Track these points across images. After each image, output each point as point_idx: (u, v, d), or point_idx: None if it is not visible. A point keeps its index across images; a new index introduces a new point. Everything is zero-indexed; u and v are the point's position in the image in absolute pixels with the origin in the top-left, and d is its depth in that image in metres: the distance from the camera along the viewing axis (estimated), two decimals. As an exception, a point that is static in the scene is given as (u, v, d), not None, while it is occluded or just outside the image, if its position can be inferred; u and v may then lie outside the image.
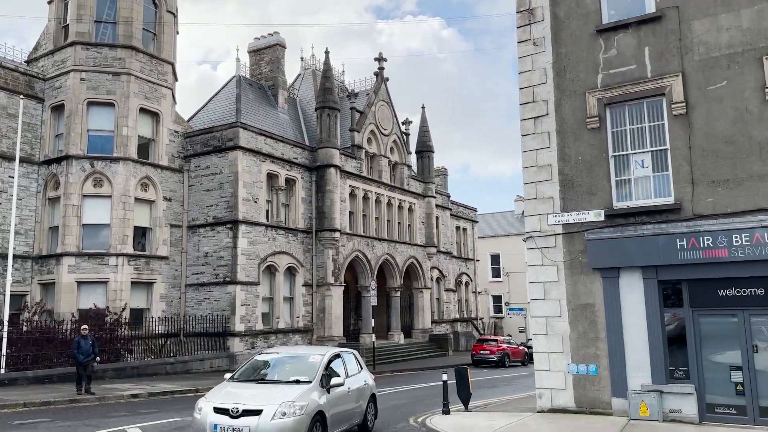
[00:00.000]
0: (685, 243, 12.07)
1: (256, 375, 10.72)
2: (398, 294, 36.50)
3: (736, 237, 11.61)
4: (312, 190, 30.83)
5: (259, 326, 27.20)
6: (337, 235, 30.67)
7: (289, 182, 29.95)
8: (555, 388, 13.32)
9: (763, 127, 11.73)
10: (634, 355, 12.53)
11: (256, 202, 27.65)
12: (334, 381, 10.29)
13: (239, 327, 26.11)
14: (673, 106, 12.61)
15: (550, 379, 13.39)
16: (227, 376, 10.99)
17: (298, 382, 10.02)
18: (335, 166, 31.07)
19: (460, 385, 14.74)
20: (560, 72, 14.07)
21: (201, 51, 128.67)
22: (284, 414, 9.00)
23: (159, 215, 26.92)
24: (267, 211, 28.55)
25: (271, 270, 28.40)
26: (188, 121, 31.60)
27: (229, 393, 9.80)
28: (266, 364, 11.11)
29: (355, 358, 12.35)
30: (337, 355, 11.40)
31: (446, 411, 13.84)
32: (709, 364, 12.05)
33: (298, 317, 29.54)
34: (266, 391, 9.75)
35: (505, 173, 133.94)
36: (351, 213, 33.12)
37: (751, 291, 11.70)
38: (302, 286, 29.96)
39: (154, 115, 27.33)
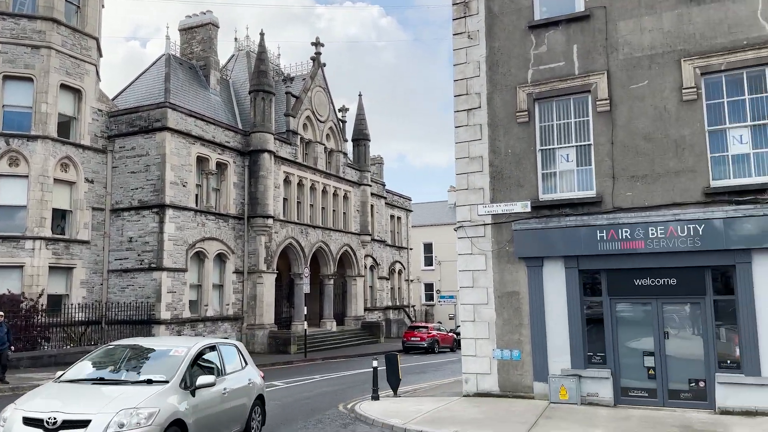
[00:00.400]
0: (604, 234, 12.65)
1: (96, 373, 8.28)
2: (332, 282, 36.45)
3: (652, 230, 12.27)
4: (245, 175, 30.19)
5: (187, 314, 26.50)
6: (270, 221, 30.23)
7: (221, 166, 29.20)
8: (481, 373, 13.71)
9: (680, 126, 12.42)
10: (555, 341, 13.07)
11: (184, 185, 26.81)
12: (201, 380, 8.08)
13: (165, 315, 25.34)
14: (597, 103, 13.14)
15: (476, 365, 13.77)
16: (58, 374, 8.54)
17: (150, 382, 7.79)
18: (269, 152, 30.53)
19: (390, 371, 14.92)
20: (493, 66, 14.36)
21: (130, 27, 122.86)
22: (122, 426, 6.83)
23: (80, 197, 25.63)
24: (196, 195, 27.75)
25: (199, 256, 27.67)
26: (113, 99, 30.16)
27: (50, 397, 7.49)
28: (111, 358, 8.65)
29: (238, 351, 10.15)
30: (211, 348, 9.21)
31: (376, 397, 14.00)
32: (624, 349, 12.73)
33: (227, 305, 28.98)
34: (103, 394, 7.48)
35: (440, 164, 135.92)
36: (285, 200, 32.70)
37: (664, 281, 12.41)
38: (233, 273, 29.37)
39: (76, 92, 25.91)
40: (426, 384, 17.80)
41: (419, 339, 33.05)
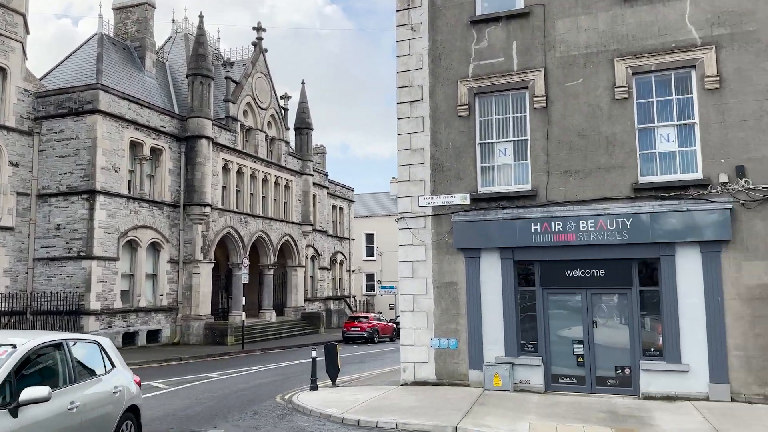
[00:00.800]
0: (539, 227, 13.04)
1: None
2: (271, 272, 36.01)
3: (583, 223, 12.74)
4: (181, 161, 29.30)
5: (118, 304, 25.57)
6: (207, 210, 29.50)
7: (156, 152, 28.23)
8: (418, 361, 13.91)
9: (611, 124, 12.91)
10: (490, 330, 13.40)
11: (117, 171, 25.77)
12: (27, 394, 5.61)
13: (95, 305, 24.36)
14: (534, 99, 13.48)
15: (414, 354, 13.96)
16: None
17: None
18: (207, 138, 29.74)
19: (329, 361, 14.90)
20: (435, 59, 14.48)
21: (60, 3, 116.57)
22: None
23: (4, 182, 24.21)
24: (129, 181, 26.73)
25: (132, 245, 26.72)
26: (41, 79, 28.59)
27: None
28: None
29: (101, 350, 7.82)
30: (56, 346, 6.69)
31: (314, 387, 13.96)
32: (555, 338, 13.19)
33: (161, 295, 28.15)
34: None
35: (383, 155, 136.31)
36: (224, 188, 31.99)
37: (594, 272, 12.92)
38: (167, 262, 28.53)
39: (1, 71, 24.39)
40: (365, 374, 17.90)
41: (359, 329, 33.17)
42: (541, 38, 13.60)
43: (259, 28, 36.74)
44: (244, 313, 29.20)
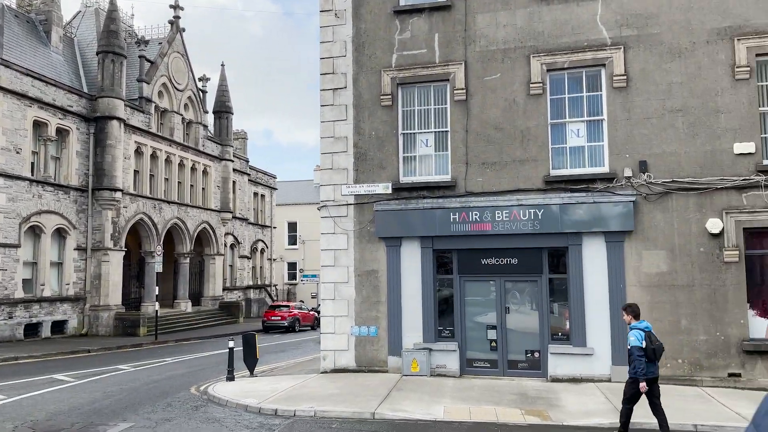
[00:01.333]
0: (457, 217, 13.38)
1: None
2: (188, 260, 34.87)
3: (498, 213, 13.19)
4: (90, 143, 27.70)
5: (20, 294, 23.95)
6: (118, 195, 28.10)
7: (62, 133, 26.54)
8: (339, 349, 13.96)
9: (526, 118, 13.40)
10: (410, 317, 13.65)
11: (18, 152, 24.03)
12: None
13: (-7, 295, 22.70)
14: (455, 91, 13.76)
15: (334, 341, 14.00)
16: None
17: None
18: (119, 119, 28.26)
19: (247, 351, 14.67)
20: (359, 47, 14.45)
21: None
22: None
23: None
24: (33, 164, 25.00)
25: (35, 231, 25.06)
26: (-72, 48, 26.10)
27: None
28: None
29: None
30: None
31: (231, 378, 13.69)
32: (471, 324, 13.63)
33: (68, 284, 26.62)
34: None
35: (307, 142, 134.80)
36: (136, 172, 30.57)
37: (507, 260, 13.43)
38: (74, 250, 26.98)
39: None
40: (285, 363, 17.76)
41: (280, 318, 32.82)
42: (462, 32, 13.88)
43: (176, 6, 35.22)
44: (157, 303, 28.12)
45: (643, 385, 7.92)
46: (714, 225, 12.20)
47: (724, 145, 12.29)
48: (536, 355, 13.15)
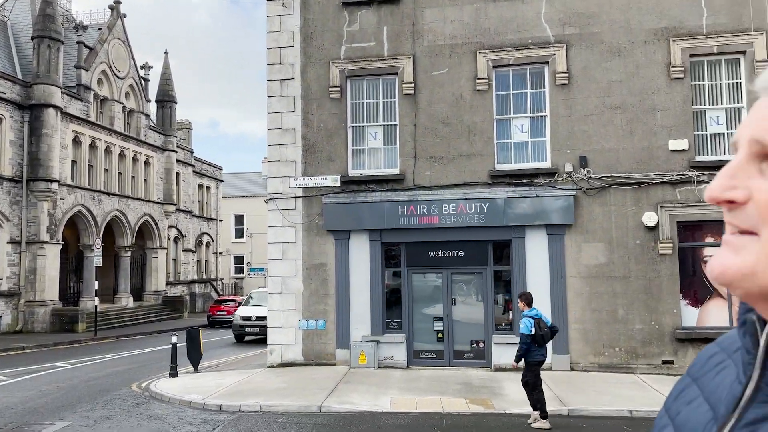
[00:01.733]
0: (405, 210, 13.48)
1: None
2: (129, 254, 33.77)
3: (445, 206, 13.36)
4: (24, 132, 26.37)
5: (-54, 290, 22.66)
6: (55, 186, 26.90)
7: (-7, 120, 25.17)
8: (286, 343, 13.87)
9: (473, 113, 13.60)
10: (358, 309, 13.68)
11: (-56, 140, 22.66)
12: None
13: None
14: (404, 85, 13.82)
15: (282, 335, 13.89)
16: None
17: None
18: (55, 107, 27.01)
19: (191, 347, 14.37)
20: (307, 38, 14.31)
21: None
22: None
23: None
24: (-40, 152, 23.64)
25: (-36, 224, 23.73)
26: None
27: None
28: None
29: None
30: None
31: (174, 374, 13.39)
32: (419, 316, 13.79)
33: (1, 279, 25.35)
34: None
35: (255, 133, 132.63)
36: (74, 162, 29.33)
37: (453, 253, 13.64)
38: (8, 243, 25.69)
39: None
40: (231, 358, 17.50)
41: (226, 313, 32.21)
42: (410, 26, 13.93)
43: (117, -9, 33.88)
44: (97, 298, 27.13)
45: (519, 365, 8.93)
46: (649, 218, 12.73)
47: (660, 142, 12.83)
48: (481, 345, 13.43)
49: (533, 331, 8.52)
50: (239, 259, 54.49)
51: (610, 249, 12.89)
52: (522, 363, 8.82)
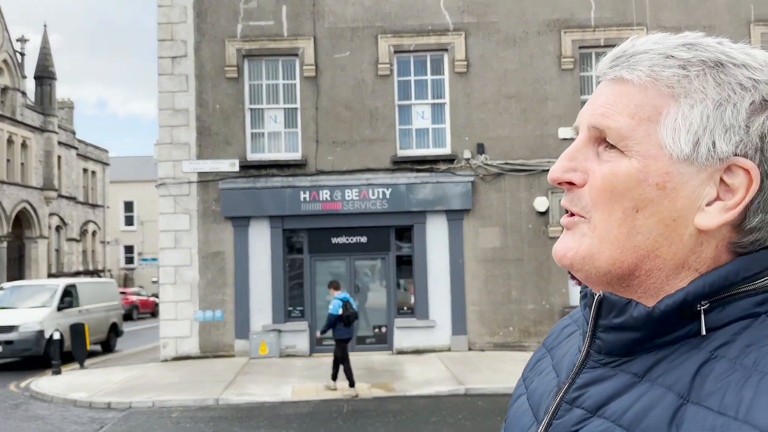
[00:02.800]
0: (307, 196, 13.24)
1: None
2: (5, 244, 30.88)
3: (348, 192, 13.26)
4: None
5: None
6: None
7: None
8: (181, 336, 13.24)
9: (375, 98, 13.55)
10: (258, 298, 13.31)
11: None
12: None
13: None
14: (304, 67, 13.50)
15: (175, 328, 13.23)
16: None
17: None
18: None
19: (75, 342, 13.39)
20: (201, 14, 13.58)
21: None
22: None
23: None
24: None
25: None
26: None
27: None
28: None
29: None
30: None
31: (57, 371, 12.44)
32: (321, 303, 13.62)
33: None
34: None
35: (148, 114, 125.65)
36: (-64, 143, 26.30)
37: (357, 239, 13.59)
38: None
39: None
40: (122, 353, 16.52)
41: (116, 305, 30.42)
42: (310, 6, 13.59)
43: (-16, -47, 30.56)
44: (-34, 293, 24.60)
45: (324, 335, 10.77)
46: (541, 203, 13.34)
47: (551, 130, 13.43)
48: (383, 329, 13.53)
49: (340, 312, 9.56)
50: (129, 249, 51.46)
51: (504, 233, 13.38)
52: (330, 334, 10.23)
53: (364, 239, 13.58)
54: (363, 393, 9.65)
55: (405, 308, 13.56)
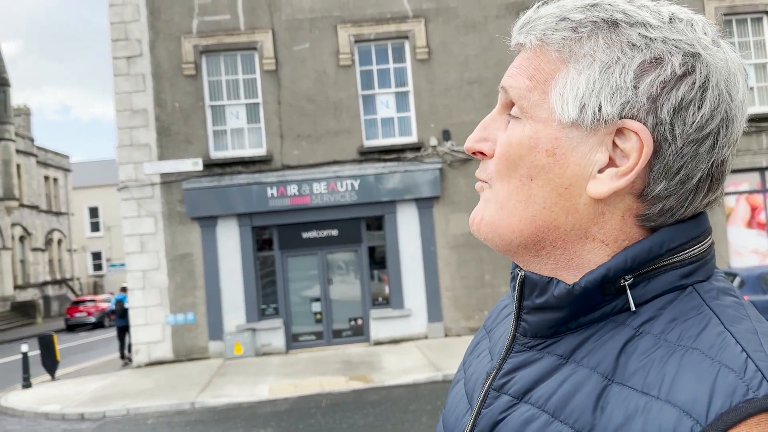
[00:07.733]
0: (275, 191, 13.07)
1: None
2: (-35, 258, 29.94)
3: (316, 185, 13.13)
4: None
5: None
6: None
7: None
8: (153, 341, 12.99)
9: (338, 89, 13.41)
10: (231, 298, 13.12)
11: None
12: None
13: None
14: (264, 61, 13.28)
15: (147, 333, 12.99)
16: None
17: None
18: None
19: (45, 354, 13.04)
20: (155, 11, 13.23)
21: None
22: None
23: None
24: None
25: None
26: None
27: None
28: None
29: None
30: None
31: (27, 385, 12.11)
32: (296, 299, 13.52)
33: None
34: None
35: (110, 116, 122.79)
36: None
37: (328, 232, 13.48)
38: None
39: None
40: (94, 362, 16.17)
41: (86, 314, 29.77)
42: (267, -2, 13.36)
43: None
44: (-73, 311, 23.80)
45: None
46: (509, 187, 13.38)
47: (515, 114, 13.46)
48: (359, 321, 13.48)
49: (115, 308, 11.59)
50: (97, 255, 50.34)
51: (475, 218, 13.40)
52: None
53: (335, 232, 13.48)
54: (341, 387, 9.60)
55: (380, 299, 13.53)
